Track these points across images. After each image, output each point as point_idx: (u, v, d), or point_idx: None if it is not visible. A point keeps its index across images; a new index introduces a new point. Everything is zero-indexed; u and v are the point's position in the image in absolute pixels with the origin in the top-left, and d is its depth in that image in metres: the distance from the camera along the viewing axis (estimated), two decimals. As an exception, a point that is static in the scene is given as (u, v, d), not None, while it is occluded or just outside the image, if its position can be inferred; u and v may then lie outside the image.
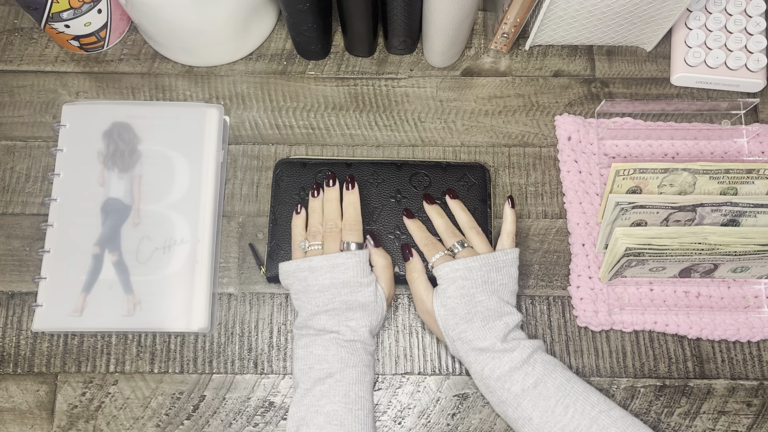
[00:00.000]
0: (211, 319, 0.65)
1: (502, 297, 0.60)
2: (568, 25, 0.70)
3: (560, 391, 0.56)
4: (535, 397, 0.56)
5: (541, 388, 0.56)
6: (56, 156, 0.68)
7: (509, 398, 0.57)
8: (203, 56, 0.72)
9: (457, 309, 0.58)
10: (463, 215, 0.64)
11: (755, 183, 0.64)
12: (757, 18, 0.72)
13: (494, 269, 0.60)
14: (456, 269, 0.59)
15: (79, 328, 0.64)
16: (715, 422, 0.64)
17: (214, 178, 0.67)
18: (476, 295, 0.58)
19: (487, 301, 0.59)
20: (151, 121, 0.69)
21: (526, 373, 0.56)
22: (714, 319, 0.65)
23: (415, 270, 0.63)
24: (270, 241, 0.66)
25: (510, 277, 0.61)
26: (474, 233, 0.63)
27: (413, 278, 0.62)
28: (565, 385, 0.56)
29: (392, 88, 0.74)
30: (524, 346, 0.58)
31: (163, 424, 0.63)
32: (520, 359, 0.57)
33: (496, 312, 0.58)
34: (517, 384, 0.56)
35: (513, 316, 0.59)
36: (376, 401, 0.64)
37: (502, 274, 0.60)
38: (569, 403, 0.55)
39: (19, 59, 0.74)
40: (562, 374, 0.57)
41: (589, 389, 0.57)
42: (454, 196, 0.66)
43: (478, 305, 0.58)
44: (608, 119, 0.71)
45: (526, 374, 0.56)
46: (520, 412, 0.56)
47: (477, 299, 0.58)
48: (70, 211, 0.66)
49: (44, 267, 0.65)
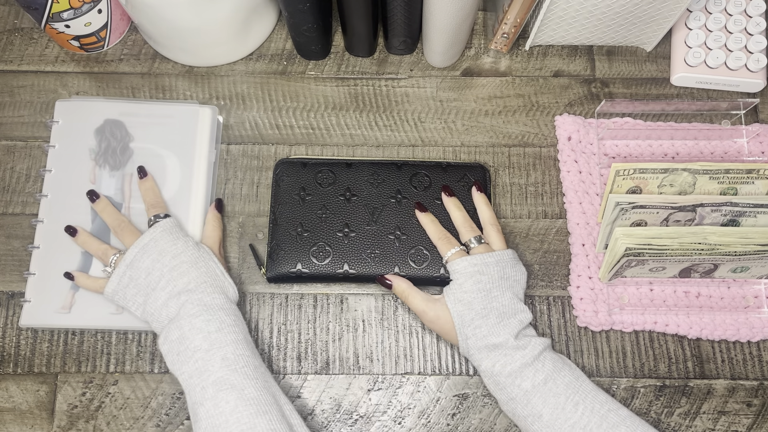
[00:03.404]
0: None
1: (516, 293, 0.60)
2: (568, 25, 0.70)
3: (570, 388, 0.56)
4: (545, 394, 0.56)
5: (551, 385, 0.56)
6: (48, 152, 0.68)
7: (519, 395, 0.57)
8: (203, 56, 0.72)
9: (474, 303, 0.59)
10: (486, 211, 0.65)
11: (755, 183, 0.64)
12: (757, 18, 0.72)
13: (509, 265, 0.60)
14: (474, 264, 0.60)
15: (66, 325, 0.64)
16: (715, 422, 0.64)
17: (206, 177, 0.67)
18: (492, 290, 0.59)
19: (501, 297, 0.59)
20: (143, 120, 0.69)
21: (536, 369, 0.57)
22: (714, 319, 0.65)
23: (402, 288, 0.63)
24: (270, 241, 0.66)
25: (522, 273, 0.62)
26: (494, 230, 0.63)
27: (405, 297, 0.62)
28: (575, 382, 0.57)
29: (392, 88, 0.74)
30: (535, 343, 0.58)
31: (163, 424, 0.63)
32: (531, 356, 0.57)
33: (511, 309, 0.59)
34: (527, 380, 0.56)
35: (526, 314, 0.60)
36: (376, 401, 0.64)
37: (516, 270, 0.61)
38: (579, 400, 0.56)
39: (20, 59, 0.74)
40: (570, 372, 0.57)
41: (597, 388, 0.57)
42: (480, 189, 0.66)
43: (494, 301, 0.59)
44: (608, 119, 0.71)
45: (536, 371, 0.57)
46: (530, 408, 0.56)
47: (493, 294, 0.59)
48: (61, 207, 0.66)
49: (33, 263, 0.65)
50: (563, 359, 0.59)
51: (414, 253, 0.65)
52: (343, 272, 0.64)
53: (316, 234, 0.65)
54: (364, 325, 0.66)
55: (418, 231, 0.65)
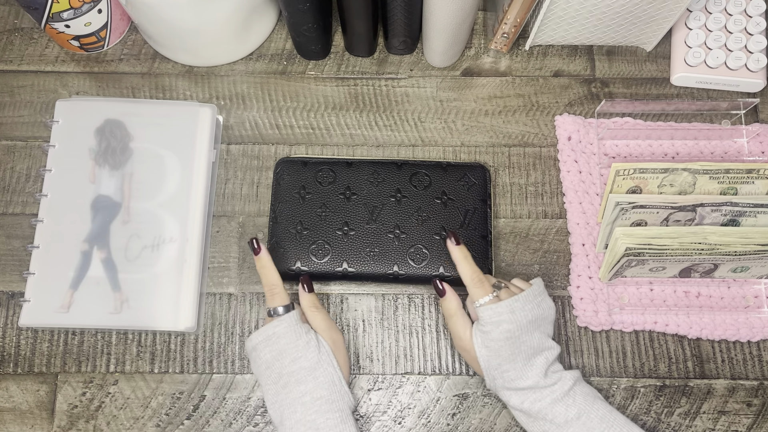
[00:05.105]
0: (198, 319, 0.65)
1: (544, 331, 0.59)
2: (568, 25, 0.70)
3: (604, 422, 0.55)
4: (580, 428, 0.55)
5: (585, 419, 0.55)
6: (48, 152, 0.68)
7: (552, 429, 0.56)
8: (203, 56, 0.72)
9: (501, 351, 0.57)
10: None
11: (755, 183, 0.64)
12: (757, 18, 0.72)
13: (536, 303, 0.59)
14: (500, 313, 0.57)
15: (66, 325, 0.64)
16: (715, 422, 0.64)
17: (205, 177, 0.67)
18: (521, 336, 0.57)
19: (530, 340, 0.57)
20: (143, 119, 0.69)
21: (567, 405, 0.56)
22: (714, 319, 0.65)
23: (450, 306, 0.61)
24: (270, 239, 0.66)
25: (550, 308, 0.60)
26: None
27: (449, 315, 0.60)
28: (608, 416, 0.56)
29: (392, 88, 0.74)
30: (566, 378, 0.57)
31: (164, 424, 0.63)
32: (561, 392, 0.56)
33: (537, 348, 0.58)
34: (559, 416, 0.56)
35: (553, 350, 0.58)
36: (376, 401, 0.64)
37: (543, 307, 0.59)
38: None
39: (20, 59, 0.74)
40: (603, 405, 0.57)
41: (629, 421, 0.56)
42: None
43: (522, 345, 0.57)
44: (608, 119, 0.71)
45: (568, 406, 0.56)
46: None
47: (521, 339, 0.57)
48: (60, 207, 0.66)
49: (33, 262, 0.65)
50: (594, 393, 0.58)
51: (413, 251, 0.65)
52: (342, 270, 0.65)
53: (315, 232, 0.65)
54: (364, 325, 0.66)
55: (418, 230, 0.65)
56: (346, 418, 0.56)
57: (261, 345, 0.58)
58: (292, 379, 0.57)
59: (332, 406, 0.56)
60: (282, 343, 0.57)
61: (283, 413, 0.56)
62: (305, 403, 0.56)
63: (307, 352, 0.57)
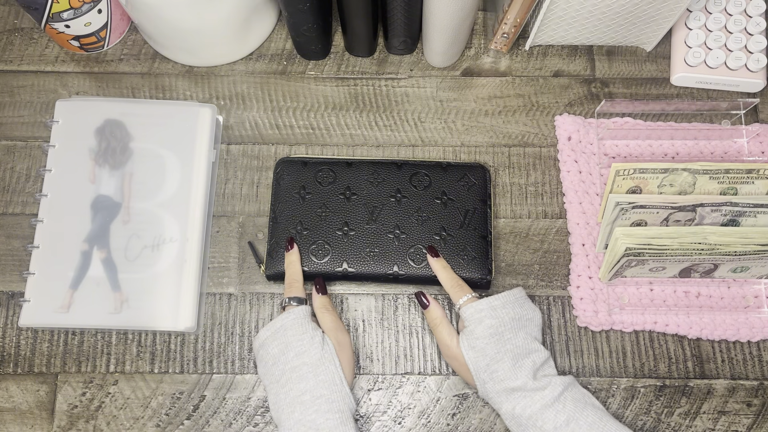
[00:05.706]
0: (198, 319, 0.65)
1: (530, 332, 0.59)
2: (568, 25, 0.70)
3: (593, 428, 0.55)
4: None
5: (574, 426, 0.55)
6: (48, 152, 0.68)
7: None
8: (203, 56, 0.72)
9: (487, 349, 0.58)
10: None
11: (755, 183, 0.64)
12: (757, 18, 0.72)
13: (518, 304, 0.60)
14: (480, 309, 0.59)
15: (65, 325, 0.64)
16: (715, 422, 0.64)
17: (205, 177, 0.67)
18: (504, 333, 0.58)
19: (515, 339, 0.58)
20: (143, 120, 0.69)
21: (557, 411, 0.56)
22: (714, 319, 0.65)
23: (435, 316, 0.62)
24: (270, 239, 0.66)
25: (534, 311, 0.61)
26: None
27: (435, 325, 0.61)
28: (598, 423, 0.55)
29: (392, 88, 0.74)
30: (555, 383, 0.57)
31: (164, 424, 0.63)
32: (551, 397, 0.56)
33: (524, 349, 0.58)
34: (549, 422, 0.55)
35: (540, 353, 0.58)
36: (376, 401, 0.64)
37: (526, 308, 0.60)
38: None
39: (19, 59, 0.74)
40: (593, 412, 0.56)
41: (622, 426, 0.56)
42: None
43: (507, 343, 0.58)
44: (608, 119, 0.71)
45: (558, 412, 0.56)
46: None
47: (506, 337, 0.58)
48: (60, 207, 0.66)
49: (33, 262, 0.65)
50: (586, 398, 0.58)
51: (413, 252, 0.65)
52: (342, 270, 0.65)
53: (315, 232, 0.65)
54: (364, 325, 0.66)
55: (418, 230, 0.66)
56: (346, 420, 0.56)
57: (269, 340, 0.58)
58: (294, 375, 0.57)
59: (332, 406, 0.56)
60: (288, 335, 0.58)
61: (282, 413, 0.56)
62: (304, 402, 0.56)
63: (311, 347, 0.58)
